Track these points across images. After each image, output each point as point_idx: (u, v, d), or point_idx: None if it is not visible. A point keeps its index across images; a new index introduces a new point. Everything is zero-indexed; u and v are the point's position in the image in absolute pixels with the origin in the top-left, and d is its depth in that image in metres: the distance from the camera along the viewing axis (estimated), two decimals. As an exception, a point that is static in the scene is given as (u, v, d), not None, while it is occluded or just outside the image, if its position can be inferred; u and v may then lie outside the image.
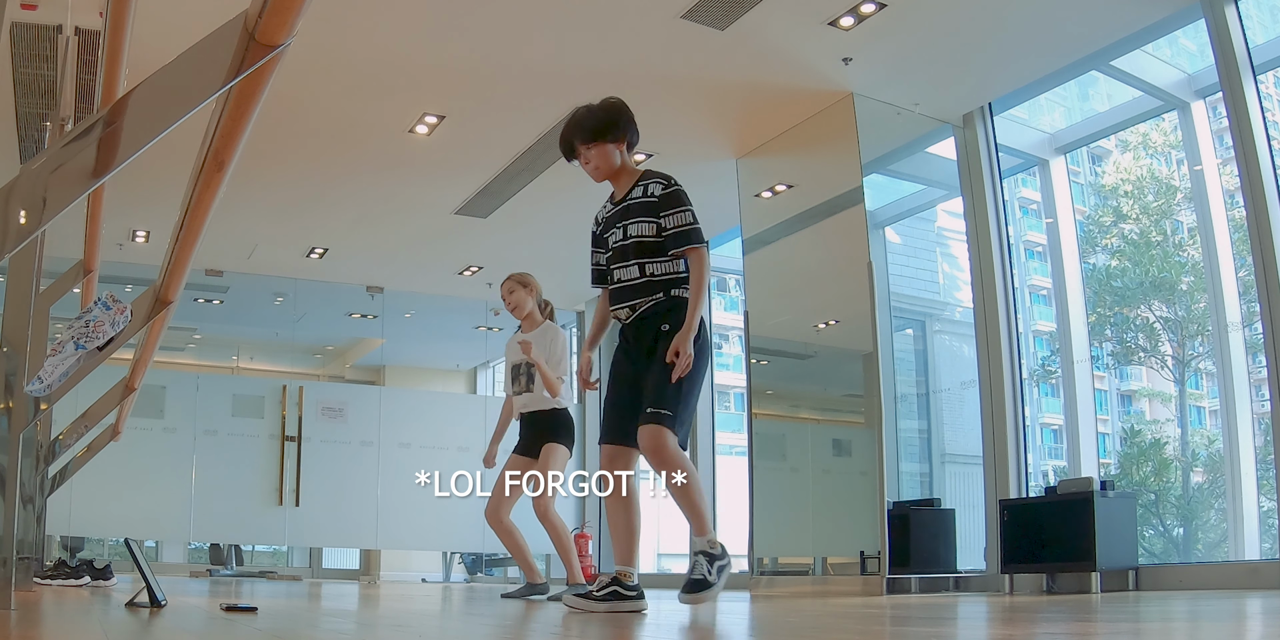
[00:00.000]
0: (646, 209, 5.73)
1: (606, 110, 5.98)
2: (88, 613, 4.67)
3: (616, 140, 5.92)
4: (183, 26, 5.04)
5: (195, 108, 2.18)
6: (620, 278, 5.76)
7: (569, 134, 5.96)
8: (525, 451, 9.04)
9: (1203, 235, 10.64)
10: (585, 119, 5.93)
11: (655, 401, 5.43)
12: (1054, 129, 11.93)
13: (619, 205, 5.91)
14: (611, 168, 5.93)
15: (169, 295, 4.78)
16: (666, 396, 5.43)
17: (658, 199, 5.74)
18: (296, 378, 18.93)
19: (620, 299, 5.78)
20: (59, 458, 8.57)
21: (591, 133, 5.88)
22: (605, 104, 6.04)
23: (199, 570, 17.07)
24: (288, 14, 2.08)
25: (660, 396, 5.43)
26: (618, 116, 5.98)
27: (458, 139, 11.97)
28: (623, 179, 5.98)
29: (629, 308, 5.73)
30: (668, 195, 5.74)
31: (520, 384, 9.05)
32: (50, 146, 2.43)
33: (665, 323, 5.60)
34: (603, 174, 5.97)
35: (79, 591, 7.82)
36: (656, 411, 5.40)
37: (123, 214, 13.37)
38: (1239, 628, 3.62)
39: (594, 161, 5.90)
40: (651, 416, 5.41)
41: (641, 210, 5.74)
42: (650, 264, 5.67)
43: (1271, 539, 9.18)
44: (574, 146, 5.96)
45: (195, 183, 3.15)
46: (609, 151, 5.89)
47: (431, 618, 5.23)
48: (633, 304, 5.71)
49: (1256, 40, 8.96)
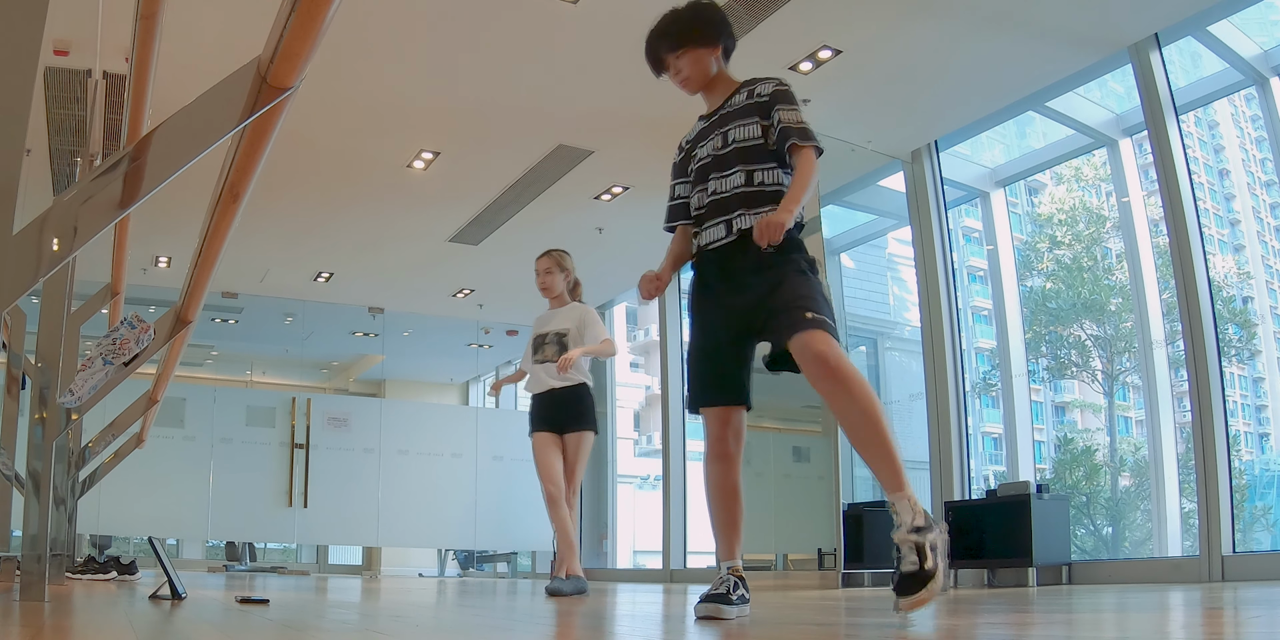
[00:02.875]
0: (751, 110, 4.51)
1: (695, 12, 4.74)
2: (115, 604, 4.65)
3: (709, 44, 4.70)
4: (201, 71, 5.04)
5: (212, 145, 2.19)
6: (716, 190, 4.46)
7: (654, 46, 4.75)
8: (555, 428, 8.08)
9: (1130, 260, 10.69)
10: (670, 25, 4.71)
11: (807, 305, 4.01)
12: (994, 164, 11.96)
13: (714, 117, 4.70)
14: (705, 76, 4.73)
15: (188, 315, 4.77)
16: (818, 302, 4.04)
17: (768, 97, 4.50)
18: (305, 391, 18.92)
19: (715, 214, 4.44)
20: (88, 463, 8.52)
21: (678, 39, 4.67)
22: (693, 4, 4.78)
23: (216, 566, 17.01)
24: (297, 60, 2.09)
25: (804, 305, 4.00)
26: (708, 17, 4.77)
27: (451, 173, 11.98)
28: (719, 89, 4.77)
29: (725, 224, 4.38)
30: (780, 92, 4.51)
31: (545, 353, 8.13)
32: (80, 180, 2.42)
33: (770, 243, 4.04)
34: (695, 84, 4.76)
35: (107, 585, 7.78)
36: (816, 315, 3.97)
37: (147, 241, 13.36)
38: (1162, 618, 3.62)
39: (685, 71, 4.71)
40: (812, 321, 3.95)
41: (745, 112, 4.52)
42: (759, 171, 4.39)
43: (1192, 537, 9.19)
44: (661, 59, 4.75)
45: (212, 213, 3.15)
46: (701, 57, 4.68)
47: (427, 609, 5.21)
48: (732, 218, 4.36)
49: (1178, 83, 9.01)
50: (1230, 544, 8.02)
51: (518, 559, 18.90)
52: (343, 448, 16.53)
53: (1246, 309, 10.45)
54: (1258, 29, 9.30)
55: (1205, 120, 10.65)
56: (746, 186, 4.37)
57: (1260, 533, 9.59)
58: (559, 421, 8.07)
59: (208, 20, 8.37)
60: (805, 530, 10.74)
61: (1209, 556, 8.02)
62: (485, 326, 18.85)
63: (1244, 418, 10.05)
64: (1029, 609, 4.68)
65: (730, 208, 4.38)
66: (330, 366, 21.45)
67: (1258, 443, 10.25)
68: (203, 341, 18.62)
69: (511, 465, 17.19)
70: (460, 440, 17.40)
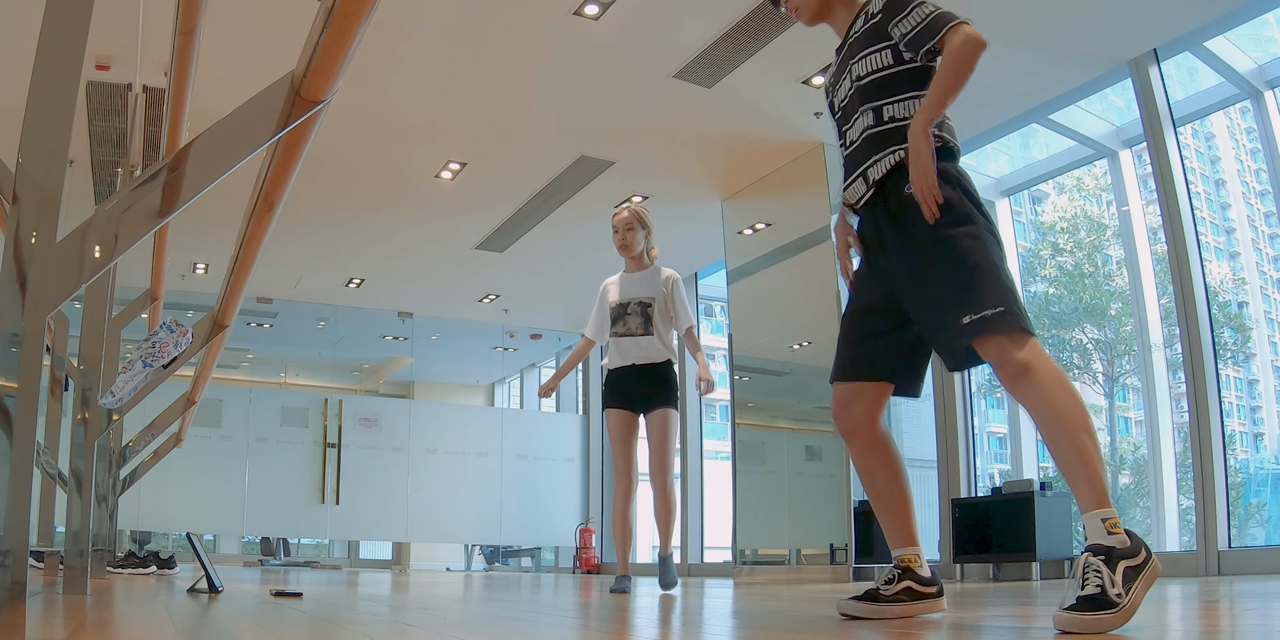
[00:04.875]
0: (872, 36, 3.55)
1: None
2: (154, 597, 4.65)
3: None
4: (237, 84, 5.05)
5: (248, 156, 2.19)
6: (851, 139, 3.61)
7: None
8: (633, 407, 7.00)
9: (1129, 267, 10.65)
10: None
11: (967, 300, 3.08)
12: (999, 174, 11.92)
13: (843, 49, 3.72)
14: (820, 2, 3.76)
15: (225, 320, 4.78)
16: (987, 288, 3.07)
17: (880, 13, 3.50)
18: (337, 392, 18.94)
19: (852, 167, 3.60)
20: (129, 462, 8.54)
21: None
22: None
23: (251, 560, 17.05)
24: (329, 74, 2.09)
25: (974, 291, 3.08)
26: None
27: (478, 183, 11.98)
28: (840, 15, 3.79)
29: (862, 178, 3.52)
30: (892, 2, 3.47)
31: (629, 325, 7.03)
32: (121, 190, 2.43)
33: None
34: (810, 12, 3.80)
35: (146, 579, 7.78)
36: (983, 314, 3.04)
37: (185, 249, 13.38)
38: (1161, 610, 3.60)
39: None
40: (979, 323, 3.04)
41: (867, 39, 3.56)
42: (891, 105, 3.47)
43: (1189, 533, 9.16)
44: None
45: (248, 221, 3.15)
46: None
47: (454, 602, 5.20)
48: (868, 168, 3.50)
49: (1176, 97, 8.99)
50: (1226, 539, 8.00)
51: (541, 554, 18.88)
52: (373, 447, 16.54)
53: (1241, 313, 10.41)
54: (1252, 45, 9.28)
55: (1202, 132, 10.61)
56: (875, 126, 3.50)
57: (1255, 528, 9.56)
58: (639, 399, 6.97)
59: (244, 36, 8.39)
60: (818, 526, 10.72)
61: (1206, 551, 8.00)
62: (510, 330, 18.88)
63: (1239, 418, 10.01)
64: (1032, 602, 4.67)
65: (863, 158, 3.54)
66: (361, 369, 21.45)
67: (1252, 442, 10.20)
68: (239, 345, 18.64)
69: (535, 464, 17.22)
70: (486, 440, 17.43)
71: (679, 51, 8.93)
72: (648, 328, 6.96)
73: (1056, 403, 2.96)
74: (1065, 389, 2.99)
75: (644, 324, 6.96)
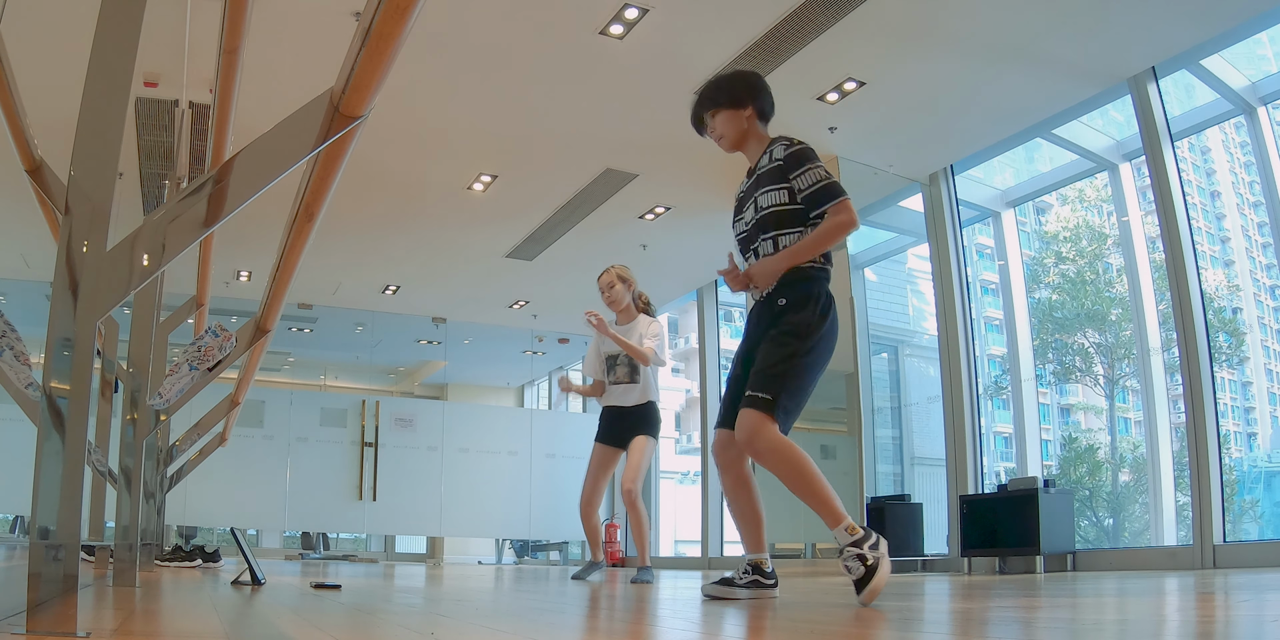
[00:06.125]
0: (775, 175, 4.40)
1: (730, 78, 4.81)
2: (200, 589, 4.66)
3: (739, 106, 4.68)
4: (279, 100, 5.06)
5: (289, 169, 2.18)
6: (764, 252, 4.44)
7: (696, 107, 4.80)
8: (614, 442, 7.94)
9: (1129, 274, 10.64)
10: (708, 89, 4.79)
11: (755, 383, 4.16)
12: (1005, 186, 11.92)
13: (751, 177, 4.63)
14: (738, 135, 4.71)
15: (267, 325, 4.78)
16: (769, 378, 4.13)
17: (783, 160, 4.38)
18: (374, 394, 18.98)
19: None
20: (175, 460, 8.53)
21: (712, 100, 4.73)
22: (731, 73, 4.91)
23: (292, 554, 17.05)
24: (367, 91, 2.08)
25: (762, 378, 4.15)
26: (740, 82, 4.78)
27: (508, 195, 11.99)
28: (752, 148, 4.71)
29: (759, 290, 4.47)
30: (793, 154, 4.37)
31: (618, 374, 8.00)
32: (168, 201, 2.43)
33: (783, 297, 4.31)
34: (730, 143, 4.75)
35: (192, 572, 7.79)
36: (753, 395, 4.12)
37: (229, 257, 13.42)
38: (1159, 602, 3.59)
39: (719, 129, 4.73)
40: (748, 400, 4.13)
41: (770, 178, 4.42)
42: (786, 235, 4.37)
43: (1186, 528, 9.14)
44: (703, 119, 4.81)
45: (289, 231, 3.14)
46: (732, 118, 4.69)
47: (486, 593, 5.20)
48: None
49: (1174, 112, 8.98)
50: (1221, 534, 7.97)
51: (569, 547, 18.87)
52: (408, 446, 16.55)
53: (1236, 319, 10.39)
54: (1246, 63, 9.26)
55: (1198, 146, 10.59)
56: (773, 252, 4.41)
57: (1249, 524, 9.55)
58: (623, 437, 7.91)
59: (285, 54, 8.42)
60: (832, 522, 10.70)
61: (1202, 545, 7.98)
62: (539, 335, 18.88)
63: (1234, 418, 10.00)
64: (1037, 593, 4.65)
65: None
66: (397, 372, 21.48)
67: (1246, 441, 10.17)
68: (280, 349, 18.69)
69: (563, 462, 17.19)
70: (516, 439, 17.44)
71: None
72: (634, 377, 7.97)
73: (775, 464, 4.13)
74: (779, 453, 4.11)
75: (630, 373, 7.97)
